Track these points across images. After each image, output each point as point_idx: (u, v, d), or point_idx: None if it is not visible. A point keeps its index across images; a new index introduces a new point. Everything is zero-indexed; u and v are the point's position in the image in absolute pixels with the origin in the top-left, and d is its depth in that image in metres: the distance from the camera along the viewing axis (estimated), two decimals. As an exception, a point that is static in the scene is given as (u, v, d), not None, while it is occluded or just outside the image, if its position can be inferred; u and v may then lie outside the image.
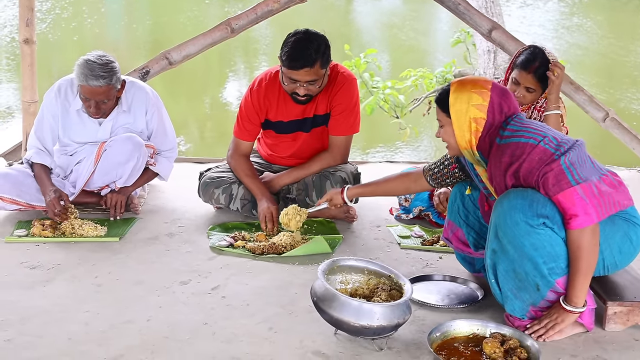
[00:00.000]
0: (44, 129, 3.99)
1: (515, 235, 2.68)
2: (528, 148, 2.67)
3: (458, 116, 2.79)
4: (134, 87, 4.03)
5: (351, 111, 3.96)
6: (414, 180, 3.29)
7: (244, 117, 4.00)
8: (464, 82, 2.82)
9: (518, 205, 2.65)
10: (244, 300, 3.07)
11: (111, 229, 3.80)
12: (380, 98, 7.95)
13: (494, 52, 7.68)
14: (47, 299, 3.04)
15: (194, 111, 10.23)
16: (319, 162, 4.00)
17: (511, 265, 2.74)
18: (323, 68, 3.74)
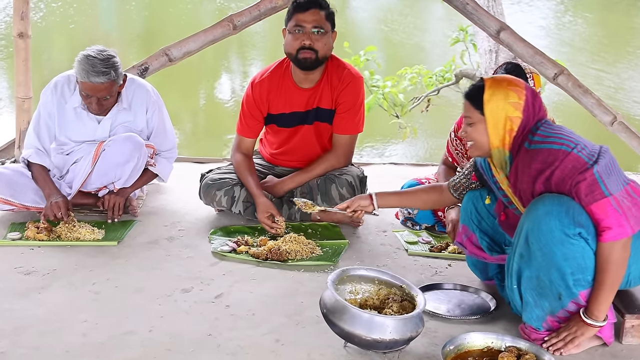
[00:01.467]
0: (41, 127, 3.86)
1: (547, 243, 2.58)
2: (561, 155, 2.59)
3: (494, 114, 2.68)
4: (135, 85, 3.90)
5: (357, 110, 3.89)
6: (440, 193, 3.17)
7: (245, 113, 3.94)
8: (499, 79, 2.73)
9: (554, 211, 2.55)
10: (249, 309, 2.96)
11: (109, 232, 3.68)
12: (380, 97, 7.87)
13: (495, 51, 7.61)
14: (42, 307, 2.92)
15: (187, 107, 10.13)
16: (323, 163, 3.90)
17: (536, 272, 2.65)
18: (329, 21, 3.72)
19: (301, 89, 3.86)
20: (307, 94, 3.86)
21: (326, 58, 3.77)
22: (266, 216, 3.66)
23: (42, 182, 3.74)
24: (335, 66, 3.87)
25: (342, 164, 3.94)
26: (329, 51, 3.77)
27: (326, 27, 3.70)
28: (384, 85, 8.02)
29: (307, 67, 3.75)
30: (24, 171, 3.82)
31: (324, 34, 3.69)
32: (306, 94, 3.86)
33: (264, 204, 3.69)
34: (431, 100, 8.52)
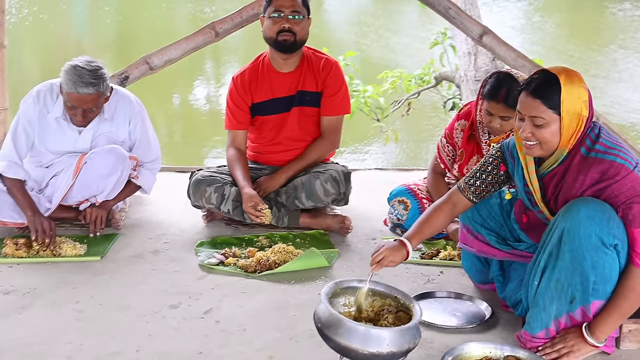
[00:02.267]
0: (19, 136, 3.73)
1: (581, 246, 2.50)
2: (623, 171, 2.49)
3: (570, 113, 2.52)
4: (118, 95, 3.81)
5: (344, 92, 4.01)
6: (453, 206, 2.94)
7: (231, 106, 3.99)
8: (571, 74, 2.55)
9: (597, 217, 2.48)
10: (239, 324, 2.87)
11: (91, 246, 3.57)
12: (361, 102, 7.84)
13: (474, 54, 7.61)
14: (23, 328, 2.81)
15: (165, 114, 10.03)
16: (316, 149, 3.97)
17: (558, 274, 2.57)
18: (305, 6, 3.86)
19: (282, 74, 3.94)
20: (289, 78, 3.94)
21: (304, 42, 3.89)
22: (250, 205, 3.61)
23: (22, 200, 3.61)
24: (312, 53, 4.01)
25: (334, 147, 4.03)
26: (306, 35, 3.89)
27: (303, 12, 3.84)
28: (364, 90, 7.99)
29: (286, 49, 3.84)
30: (0, 186, 3.69)
31: (301, 19, 3.82)
32: (288, 78, 3.94)
33: (248, 193, 3.68)
34: (412, 104, 8.50)
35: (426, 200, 3.84)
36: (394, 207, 3.89)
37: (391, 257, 2.80)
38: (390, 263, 2.81)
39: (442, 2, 4.57)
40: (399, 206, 3.86)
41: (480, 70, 7.46)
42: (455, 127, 3.78)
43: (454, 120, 3.81)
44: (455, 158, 3.79)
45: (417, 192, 3.88)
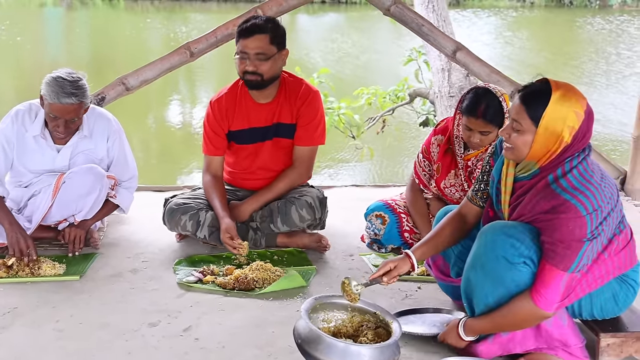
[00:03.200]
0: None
1: (495, 269, 2.57)
2: (572, 213, 2.43)
3: (547, 131, 2.47)
4: (96, 113, 3.84)
5: (318, 123, 3.92)
6: (462, 217, 2.91)
7: (208, 132, 3.93)
8: (568, 95, 2.47)
9: (499, 240, 2.55)
10: (218, 342, 2.89)
11: (70, 266, 3.57)
12: (335, 119, 7.89)
13: (448, 70, 7.68)
14: (3, 348, 2.80)
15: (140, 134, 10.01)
16: (284, 179, 3.90)
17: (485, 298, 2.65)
18: (273, 44, 3.68)
19: (259, 104, 3.86)
20: (265, 108, 3.86)
21: (275, 78, 3.78)
22: (227, 236, 3.61)
23: (0, 214, 3.62)
24: (291, 81, 3.90)
25: (304, 178, 3.95)
26: (277, 71, 3.77)
27: (270, 52, 3.68)
28: (338, 107, 8.04)
29: (253, 88, 3.77)
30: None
31: (267, 59, 3.68)
32: (264, 108, 3.86)
33: (226, 224, 3.66)
34: (386, 121, 8.57)
35: (404, 215, 3.87)
36: (371, 221, 3.91)
37: (397, 268, 2.79)
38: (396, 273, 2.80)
39: (415, 19, 4.61)
40: (376, 221, 3.89)
41: (454, 87, 7.53)
42: (432, 142, 3.82)
43: (431, 135, 3.84)
44: (431, 173, 3.83)
45: (394, 207, 3.91)
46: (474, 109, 3.43)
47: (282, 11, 4.56)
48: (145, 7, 30.82)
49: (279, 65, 3.76)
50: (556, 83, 2.51)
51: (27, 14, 27.39)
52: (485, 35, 20.66)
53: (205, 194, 3.89)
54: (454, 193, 3.74)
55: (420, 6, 8.07)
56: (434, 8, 8.07)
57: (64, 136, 3.72)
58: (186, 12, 28.09)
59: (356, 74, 14.00)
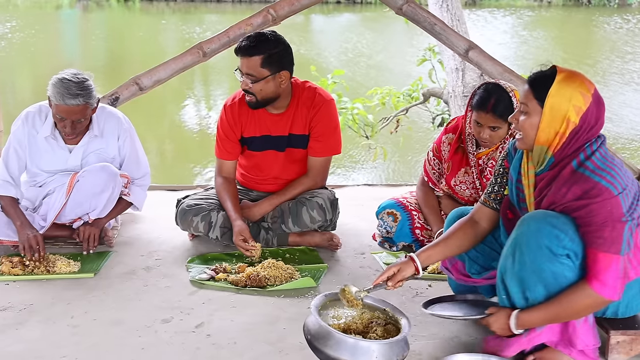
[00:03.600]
0: (10, 158, 3.81)
1: (536, 259, 2.52)
2: (606, 194, 2.44)
3: (553, 110, 2.49)
4: (106, 112, 3.89)
5: (332, 133, 3.89)
6: (475, 223, 2.89)
7: (221, 136, 3.93)
8: (573, 76, 2.51)
9: (545, 230, 2.49)
10: (230, 338, 2.92)
11: (85, 264, 3.62)
12: (349, 118, 7.91)
13: (462, 70, 7.67)
14: (20, 343, 2.85)
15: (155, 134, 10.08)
16: (298, 186, 3.90)
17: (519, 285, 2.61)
18: (265, 67, 3.61)
19: (271, 114, 3.85)
20: (277, 118, 3.85)
21: (270, 98, 3.72)
22: (240, 239, 3.64)
23: (13, 214, 3.68)
24: (304, 90, 3.85)
25: (318, 186, 3.95)
26: (272, 93, 3.71)
27: (260, 74, 3.63)
28: (352, 107, 8.06)
29: (251, 107, 3.76)
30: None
31: (256, 81, 3.64)
32: (276, 118, 3.85)
33: (239, 226, 3.68)
34: (400, 121, 8.58)
35: (416, 212, 3.89)
36: (383, 219, 3.93)
37: (401, 272, 2.78)
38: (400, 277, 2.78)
39: (427, 18, 4.62)
40: (387, 218, 3.91)
41: (468, 86, 7.53)
42: (442, 140, 3.84)
43: (442, 134, 3.86)
44: (441, 172, 3.85)
45: (406, 204, 3.94)
46: (483, 103, 3.45)
47: (294, 11, 4.59)
48: (160, 8, 30.98)
49: (274, 88, 3.69)
50: (564, 69, 2.54)
51: (43, 16, 27.62)
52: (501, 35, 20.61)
53: (217, 195, 3.91)
54: (465, 190, 3.75)
55: (434, 5, 8.08)
56: (448, 7, 8.07)
57: (72, 137, 3.77)
58: (201, 14, 28.22)
59: (370, 74, 14.02)
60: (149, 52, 15.86)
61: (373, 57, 16.24)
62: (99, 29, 24.06)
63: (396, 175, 8.64)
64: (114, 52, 18.26)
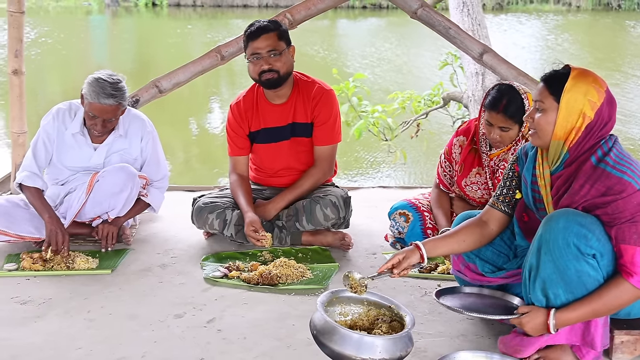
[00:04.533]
0: (39, 150, 3.94)
1: (562, 256, 2.53)
2: (630, 189, 2.49)
3: (570, 105, 2.54)
4: (131, 114, 4.02)
5: (334, 121, 4.04)
6: (483, 224, 2.92)
7: (231, 133, 4.09)
8: (586, 73, 2.59)
9: (574, 228, 2.50)
10: (240, 333, 3.00)
11: (103, 261, 3.73)
12: (370, 122, 7.96)
13: (482, 74, 7.70)
14: (38, 335, 2.96)
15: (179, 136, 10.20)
16: (309, 178, 4.02)
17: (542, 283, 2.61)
18: (281, 40, 3.87)
19: (274, 105, 4.02)
20: (279, 109, 4.02)
21: (289, 73, 3.94)
22: (251, 229, 3.73)
23: (40, 206, 3.79)
24: (304, 82, 4.05)
25: (327, 175, 4.07)
26: (291, 67, 3.94)
27: (280, 47, 3.86)
28: (374, 110, 8.11)
29: (272, 86, 3.92)
30: (19, 202, 3.88)
31: (280, 55, 3.85)
32: (280, 109, 4.01)
33: (250, 217, 3.79)
34: (420, 124, 8.61)
35: (427, 214, 3.95)
36: (395, 219, 3.98)
37: (406, 259, 2.79)
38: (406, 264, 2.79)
39: (441, 22, 4.67)
40: (400, 219, 3.97)
41: (487, 90, 7.54)
42: (454, 143, 3.89)
43: (453, 137, 3.91)
44: (452, 174, 3.90)
45: (418, 205, 3.99)
46: (495, 104, 3.49)
47: (310, 15, 4.67)
48: (187, 13, 31.26)
49: (291, 61, 3.93)
50: (577, 67, 2.61)
51: (74, 21, 28.02)
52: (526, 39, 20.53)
53: (231, 192, 4.03)
54: (476, 191, 3.80)
55: (455, 10, 8.12)
56: (469, 12, 8.11)
57: (101, 134, 3.89)
58: (228, 18, 28.42)
59: (393, 77, 14.05)
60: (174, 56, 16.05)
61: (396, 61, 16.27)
62: (127, 33, 24.37)
63: (415, 179, 8.66)
64: (140, 56, 18.50)
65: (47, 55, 18.01)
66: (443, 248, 2.92)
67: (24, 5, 4.70)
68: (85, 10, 31.98)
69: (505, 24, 24.95)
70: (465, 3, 8.07)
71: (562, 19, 28.74)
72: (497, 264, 3.00)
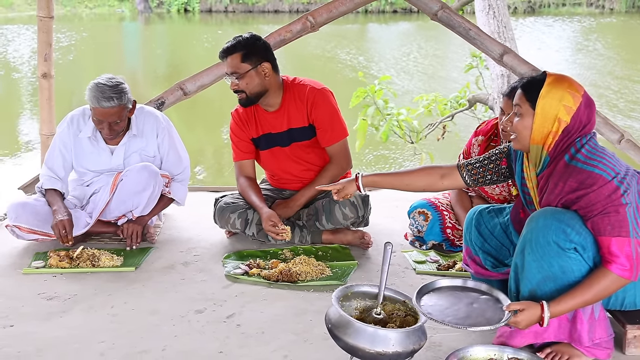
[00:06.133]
0: (54, 157, 4.06)
1: (545, 254, 2.61)
2: (600, 181, 2.55)
3: (545, 110, 2.63)
4: (144, 113, 4.11)
5: (335, 118, 4.03)
6: (440, 176, 3.03)
7: (234, 139, 4.14)
8: (561, 79, 2.67)
9: (553, 225, 2.58)
10: (259, 328, 3.07)
11: (127, 258, 3.82)
12: (395, 124, 7.99)
13: (507, 76, 7.69)
14: (63, 329, 3.06)
15: (210, 140, 10.32)
16: (327, 174, 4.03)
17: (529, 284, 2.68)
18: (246, 61, 3.84)
19: (268, 112, 4.04)
20: (274, 116, 4.03)
21: (260, 92, 3.91)
22: (270, 224, 3.79)
23: (52, 201, 3.91)
24: (295, 85, 4.02)
25: (345, 169, 4.10)
26: (260, 87, 3.90)
27: (242, 69, 3.84)
28: (398, 113, 8.14)
29: (245, 105, 3.96)
30: (46, 201, 3.99)
31: (241, 77, 3.85)
32: (273, 116, 4.04)
33: (267, 213, 3.84)
34: (446, 127, 8.62)
35: (447, 213, 3.98)
36: (414, 218, 4.03)
37: (345, 190, 3.10)
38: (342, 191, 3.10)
39: (462, 23, 4.69)
40: (419, 217, 4.01)
41: (513, 93, 7.53)
42: (472, 143, 3.93)
43: (472, 137, 3.95)
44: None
45: (437, 204, 4.03)
46: (510, 91, 3.49)
47: (332, 17, 4.72)
48: (219, 19, 31.55)
49: (260, 80, 3.89)
50: (553, 73, 2.68)
51: (107, 28, 28.43)
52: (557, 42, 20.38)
53: (242, 194, 4.07)
54: (494, 188, 3.83)
55: (480, 12, 8.13)
56: (495, 14, 8.11)
57: (111, 137, 3.99)
58: (258, 24, 28.63)
59: (422, 80, 14.06)
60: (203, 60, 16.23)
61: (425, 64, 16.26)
62: (159, 39, 24.67)
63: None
64: (171, 60, 18.72)
65: (81, 60, 18.33)
66: (382, 183, 3.11)
67: (52, 10, 4.83)
68: (119, 17, 32.43)
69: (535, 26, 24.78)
70: (491, 6, 8.07)
71: (597, 21, 28.47)
72: (499, 257, 3.07)
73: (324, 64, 14.80)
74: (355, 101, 7.76)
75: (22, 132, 10.99)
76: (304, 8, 32.32)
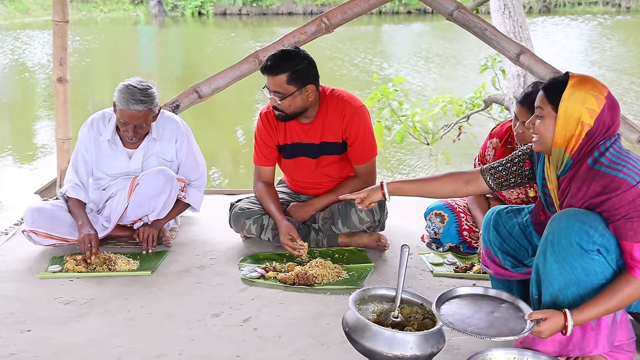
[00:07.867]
0: (79, 163, 4.06)
1: (567, 256, 2.56)
2: (625, 186, 2.50)
3: (567, 113, 2.57)
4: (164, 117, 4.11)
5: (368, 138, 3.99)
6: (465, 182, 2.99)
7: (259, 142, 4.07)
8: (584, 80, 2.60)
9: (575, 226, 2.53)
10: (275, 331, 3.06)
11: (143, 262, 3.82)
12: (410, 125, 7.97)
13: (523, 76, 7.65)
14: (80, 334, 3.06)
15: (225, 143, 10.34)
16: (348, 185, 3.99)
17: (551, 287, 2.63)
18: (291, 83, 3.73)
19: (301, 123, 3.96)
20: (307, 127, 3.97)
21: (299, 112, 3.84)
22: (289, 238, 3.78)
23: (77, 214, 3.92)
24: (333, 98, 3.94)
25: (368, 186, 4.02)
26: (300, 107, 3.82)
27: (287, 91, 3.74)
28: (414, 114, 8.12)
29: (282, 120, 3.90)
30: (63, 206, 4.01)
31: (284, 97, 3.75)
32: (306, 127, 3.97)
33: (286, 226, 3.83)
34: (462, 128, 8.58)
35: (463, 215, 3.96)
36: (431, 220, 4.01)
37: (370, 197, 3.03)
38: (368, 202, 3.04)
39: (477, 23, 4.66)
40: (435, 219, 3.99)
41: (529, 93, 7.49)
42: (487, 145, 3.90)
43: (487, 139, 3.92)
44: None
45: (454, 206, 4.00)
46: (524, 98, 3.46)
47: (346, 19, 4.71)
48: (233, 22, 31.61)
49: (302, 102, 3.80)
50: (576, 74, 2.62)
51: (122, 32, 28.56)
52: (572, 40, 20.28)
53: (259, 200, 4.04)
54: (512, 192, 3.80)
55: (496, 12, 8.09)
56: (510, 14, 8.07)
57: (134, 141, 3.99)
58: (272, 26, 28.66)
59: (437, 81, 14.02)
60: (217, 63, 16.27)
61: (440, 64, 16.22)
62: (174, 42, 24.77)
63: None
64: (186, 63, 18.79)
65: (96, 63, 18.43)
66: (406, 190, 3.06)
67: (68, 14, 4.85)
68: (133, 21, 32.57)
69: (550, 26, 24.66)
70: (506, 5, 8.04)
71: (613, 20, 28.28)
72: (518, 257, 3.01)
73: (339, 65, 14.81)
74: (369, 103, 7.75)
75: (38, 136, 11.05)
76: (318, 10, 32.31)
